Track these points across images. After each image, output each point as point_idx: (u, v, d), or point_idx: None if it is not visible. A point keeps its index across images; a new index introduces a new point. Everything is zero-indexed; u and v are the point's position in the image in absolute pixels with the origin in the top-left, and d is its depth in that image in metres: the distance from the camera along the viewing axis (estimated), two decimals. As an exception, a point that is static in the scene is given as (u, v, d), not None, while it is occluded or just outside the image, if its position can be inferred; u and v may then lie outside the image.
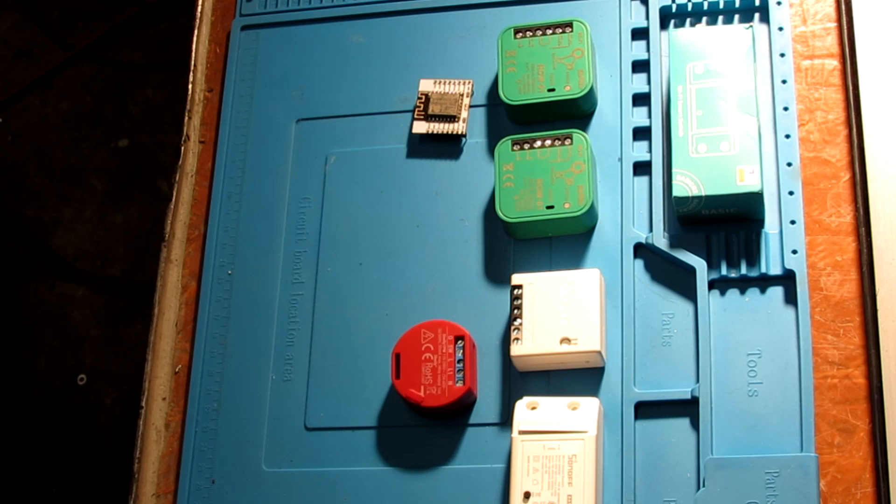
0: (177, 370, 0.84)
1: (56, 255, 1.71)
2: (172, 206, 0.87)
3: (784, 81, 0.81)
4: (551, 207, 0.79)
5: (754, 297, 0.76)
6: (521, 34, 0.84)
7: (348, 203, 0.85)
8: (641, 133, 0.82)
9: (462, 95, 0.86)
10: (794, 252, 0.76)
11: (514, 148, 0.81)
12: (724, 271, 0.77)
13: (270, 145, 0.88)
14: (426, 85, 0.86)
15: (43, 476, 1.61)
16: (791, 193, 0.78)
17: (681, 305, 0.77)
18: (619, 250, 0.79)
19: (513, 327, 0.76)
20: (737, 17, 0.84)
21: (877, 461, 0.71)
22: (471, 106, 0.86)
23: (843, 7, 0.82)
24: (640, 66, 0.84)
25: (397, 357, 0.77)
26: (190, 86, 0.91)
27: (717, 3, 0.84)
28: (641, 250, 0.79)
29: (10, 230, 1.66)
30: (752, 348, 0.75)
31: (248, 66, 0.91)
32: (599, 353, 0.75)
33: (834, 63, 0.82)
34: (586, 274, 0.76)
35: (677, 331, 0.76)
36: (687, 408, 0.74)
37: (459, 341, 0.77)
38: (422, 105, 0.85)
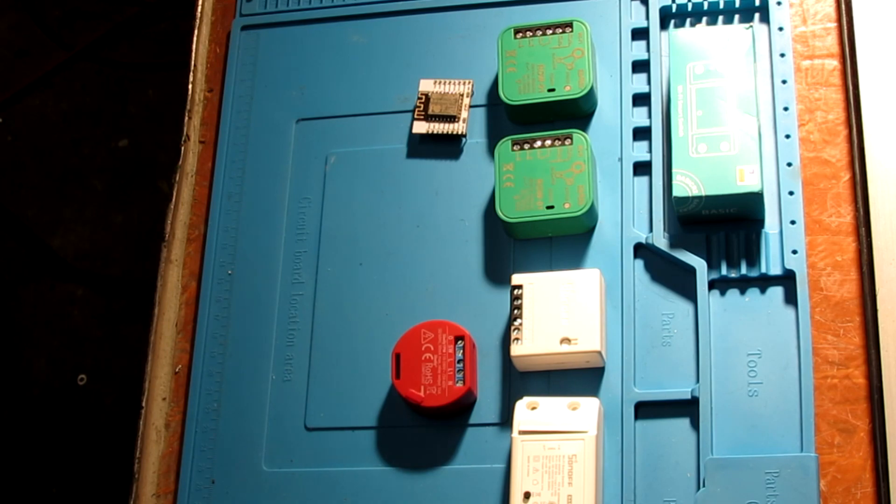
0: (177, 370, 0.84)
1: (56, 255, 1.71)
2: (172, 206, 0.87)
3: (784, 81, 0.81)
4: (551, 207, 0.79)
5: (754, 297, 0.76)
6: (521, 34, 0.84)
7: (348, 203, 0.85)
8: (641, 133, 0.82)
9: (462, 95, 0.86)
10: (794, 252, 0.76)
11: (514, 148, 0.81)
12: (724, 271, 0.77)
13: (270, 145, 0.88)
14: (426, 85, 0.86)
15: (43, 476, 1.61)
16: (791, 193, 0.78)
17: (681, 305, 0.77)
18: (619, 250, 0.79)
19: (513, 327, 0.76)
20: (737, 17, 0.84)
21: (877, 461, 0.71)
22: (471, 106, 0.86)
23: (843, 7, 0.82)
24: (640, 66, 0.84)
25: (397, 357, 0.77)
26: (190, 86, 0.91)
27: (717, 3, 0.84)
28: (641, 250, 0.79)
29: (10, 230, 1.66)
30: (752, 348, 0.75)
31: (248, 66, 0.91)
32: (599, 353, 0.75)
33: (834, 63, 0.82)
34: (586, 274, 0.76)
35: (677, 331, 0.76)
36: (687, 408, 0.74)
37: (459, 341, 0.77)
38: (422, 105, 0.85)
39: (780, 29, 0.82)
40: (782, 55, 0.82)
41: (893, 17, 0.81)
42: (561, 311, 0.75)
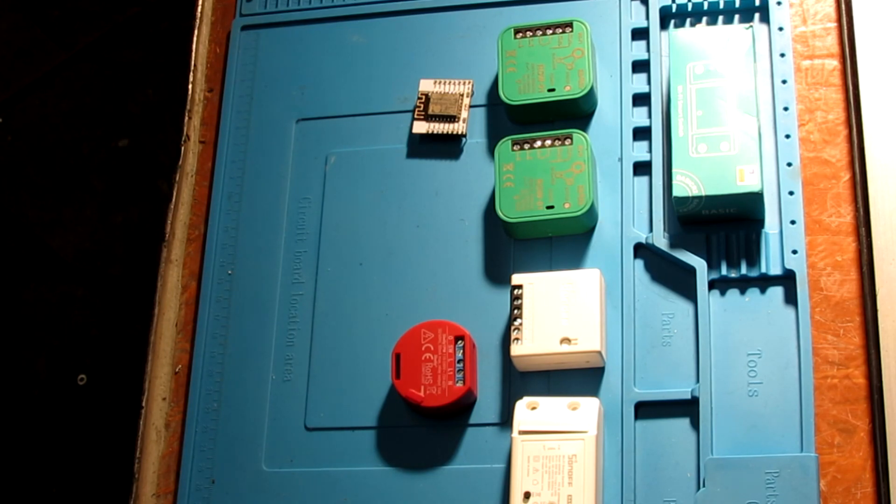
0: (177, 370, 0.84)
1: (56, 255, 1.71)
2: (172, 206, 0.87)
3: (784, 81, 0.81)
4: (551, 207, 0.79)
5: (754, 297, 0.76)
6: (521, 34, 0.84)
7: (348, 203, 0.85)
8: (641, 133, 0.82)
9: (462, 95, 0.86)
10: (794, 252, 0.76)
11: (514, 148, 0.81)
12: (724, 271, 0.77)
13: (270, 145, 0.88)
14: (426, 85, 0.86)
15: (43, 476, 1.60)
16: (791, 193, 0.78)
17: (681, 305, 0.77)
18: (619, 250, 0.79)
19: (513, 327, 0.76)
20: (737, 17, 0.84)
21: (877, 461, 0.71)
22: (471, 106, 0.86)
23: (843, 7, 0.82)
24: (640, 66, 0.84)
25: (397, 357, 0.77)
26: (190, 86, 0.91)
27: (717, 3, 0.84)
28: (641, 250, 0.79)
29: (10, 230, 1.66)
30: (752, 348, 0.75)
31: (248, 66, 0.91)
32: (599, 353, 0.75)
33: (834, 63, 0.82)
34: (586, 274, 0.76)
35: (677, 331, 0.76)
36: (687, 408, 0.74)
37: (459, 341, 0.77)
38: (422, 105, 0.85)
39: (780, 29, 0.82)
40: (782, 55, 0.82)
41: (893, 17, 0.81)
42: (561, 311, 0.75)
